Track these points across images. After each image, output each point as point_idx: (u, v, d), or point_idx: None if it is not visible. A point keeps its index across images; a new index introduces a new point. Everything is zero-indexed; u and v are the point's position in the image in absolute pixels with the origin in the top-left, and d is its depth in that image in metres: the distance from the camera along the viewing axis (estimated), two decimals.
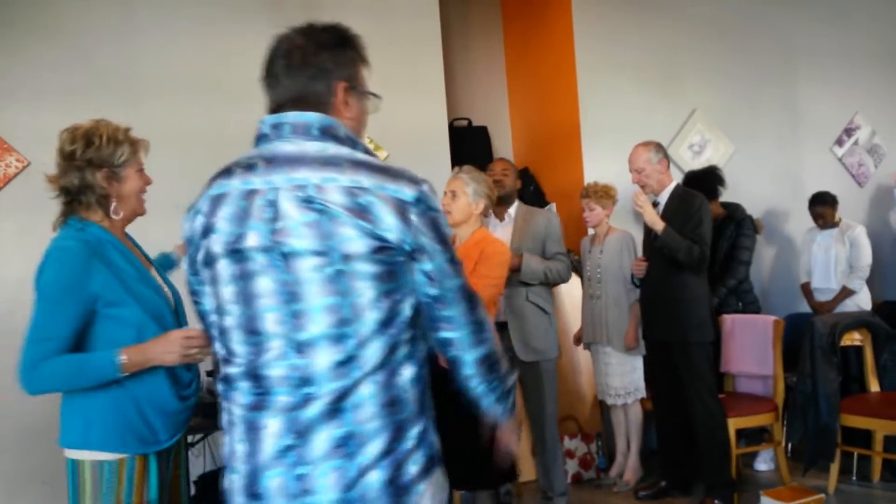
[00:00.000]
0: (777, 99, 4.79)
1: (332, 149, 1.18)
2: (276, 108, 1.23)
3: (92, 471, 1.63)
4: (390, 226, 1.12)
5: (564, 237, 3.36)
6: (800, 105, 4.86)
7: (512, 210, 3.32)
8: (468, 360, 1.25)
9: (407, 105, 3.74)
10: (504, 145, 4.98)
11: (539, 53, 4.67)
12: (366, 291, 1.12)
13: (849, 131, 5.00)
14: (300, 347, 1.14)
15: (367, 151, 1.22)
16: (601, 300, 3.58)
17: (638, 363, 3.56)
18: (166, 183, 1.91)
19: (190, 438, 2.88)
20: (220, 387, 1.23)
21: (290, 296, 1.13)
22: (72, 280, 1.60)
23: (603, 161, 4.19)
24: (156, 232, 2.08)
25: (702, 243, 3.14)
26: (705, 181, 3.93)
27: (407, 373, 1.17)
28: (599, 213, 3.58)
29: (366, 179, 1.13)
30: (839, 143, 4.98)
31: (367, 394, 1.13)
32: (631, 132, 4.22)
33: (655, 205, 3.34)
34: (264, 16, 3.56)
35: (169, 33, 3.40)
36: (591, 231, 3.78)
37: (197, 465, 3.14)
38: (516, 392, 1.44)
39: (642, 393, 3.58)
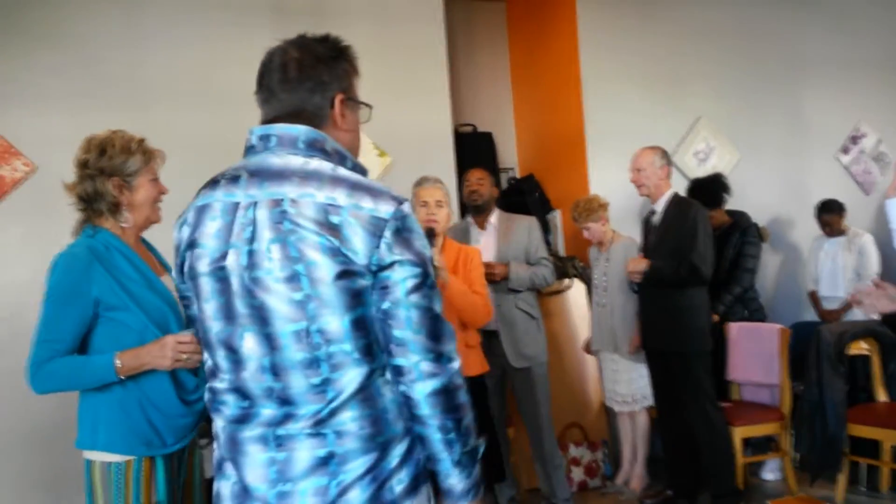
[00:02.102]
0: (782, 106, 4.78)
1: (315, 163, 1.16)
2: (271, 121, 1.22)
3: (101, 471, 1.67)
4: (358, 247, 1.10)
5: (569, 245, 3.36)
6: (805, 113, 4.85)
7: (493, 218, 3.33)
8: (420, 393, 1.12)
9: (412, 111, 3.75)
10: (508, 151, 4.98)
11: (544, 60, 4.68)
12: (334, 317, 1.11)
13: (854, 139, 4.99)
14: (274, 370, 1.14)
15: (356, 167, 1.21)
16: (608, 308, 3.57)
17: (645, 370, 3.55)
18: (170, 187, 1.92)
19: (203, 441, 2.88)
20: (206, 396, 1.24)
21: (262, 320, 1.13)
22: (73, 284, 1.66)
23: (607, 168, 4.18)
24: (159, 237, 2.08)
25: (694, 254, 3.11)
26: (710, 188, 3.92)
27: (388, 393, 1.16)
28: (597, 229, 3.57)
29: (342, 197, 1.11)
30: (845, 150, 4.96)
31: (349, 417, 1.12)
32: (635, 139, 4.20)
33: (653, 213, 3.34)
34: (270, 22, 3.57)
35: (175, 39, 3.41)
36: None
37: (210, 468, 3.13)
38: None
39: (649, 401, 3.56)
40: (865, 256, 4.13)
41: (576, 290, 3.82)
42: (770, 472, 3.76)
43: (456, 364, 1.16)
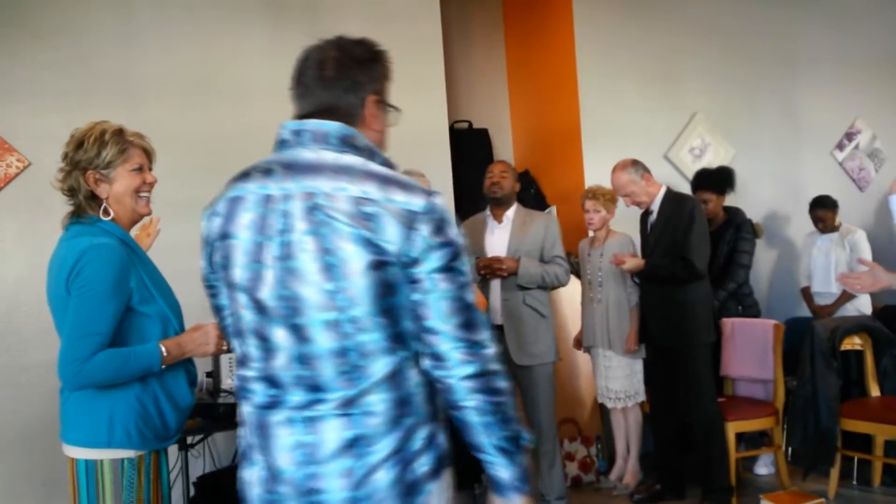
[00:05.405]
0: (777, 103, 4.79)
1: (348, 158, 1.19)
2: (304, 117, 1.24)
3: (112, 470, 1.64)
4: (392, 237, 1.12)
5: (564, 240, 3.36)
6: (800, 109, 4.86)
7: (510, 212, 3.30)
8: (455, 378, 1.15)
9: (407, 107, 3.68)
10: (505, 148, 4.98)
11: (540, 56, 4.68)
12: (366, 306, 1.14)
13: (849, 135, 5.00)
14: (303, 360, 1.17)
15: (385, 163, 1.24)
16: (602, 304, 3.58)
17: (638, 366, 3.56)
18: (165, 184, 1.91)
19: (189, 439, 2.87)
20: (237, 383, 1.27)
21: (292, 310, 1.16)
22: (115, 276, 1.63)
23: (603, 164, 4.17)
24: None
25: (688, 250, 3.15)
26: (715, 178, 3.97)
27: (415, 377, 1.19)
28: (605, 216, 3.60)
29: (375, 190, 1.14)
30: (840, 147, 4.98)
31: (377, 399, 1.15)
32: (631, 135, 4.23)
33: (650, 213, 3.36)
34: (264, 19, 3.56)
35: (168, 35, 3.41)
36: (590, 233, 3.78)
37: (196, 466, 3.13)
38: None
39: (642, 396, 3.58)
40: (858, 252, 4.14)
41: (571, 286, 3.82)
42: (763, 467, 3.79)
43: (490, 351, 1.17)
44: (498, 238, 3.25)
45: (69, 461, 1.69)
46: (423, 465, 1.17)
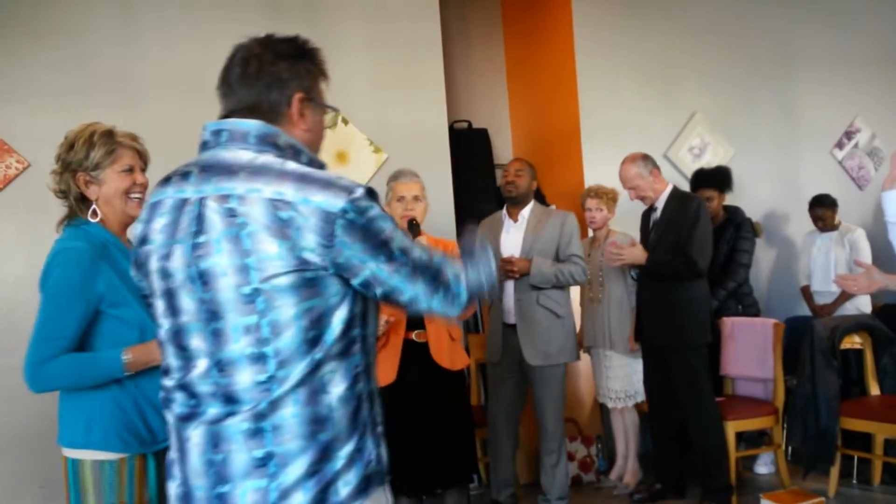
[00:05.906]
0: (777, 102, 4.79)
1: (265, 158, 1.14)
2: (227, 116, 1.21)
3: (93, 470, 1.65)
4: (311, 244, 1.08)
5: None
6: (799, 108, 4.86)
7: (525, 211, 3.27)
8: (452, 317, 1.22)
9: (407, 107, 3.74)
10: (504, 147, 4.98)
11: (539, 56, 4.68)
12: (286, 308, 1.09)
13: (849, 134, 5.00)
14: (221, 366, 1.12)
15: (312, 162, 1.18)
16: (603, 303, 3.58)
17: (638, 366, 3.56)
18: None
19: None
20: (161, 395, 1.23)
21: (210, 314, 1.12)
22: (80, 280, 1.62)
23: (603, 164, 4.18)
24: None
25: (691, 247, 3.14)
26: (715, 176, 3.97)
27: (336, 390, 1.13)
28: (606, 216, 3.60)
29: (290, 191, 1.08)
30: (839, 145, 4.98)
31: (289, 414, 1.10)
32: (631, 135, 4.23)
33: (654, 209, 3.36)
34: (263, 19, 3.55)
35: (168, 35, 3.40)
36: (590, 233, 3.78)
37: None
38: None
39: (642, 396, 3.58)
40: (857, 251, 4.15)
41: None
42: (763, 466, 3.79)
43: (462, 282, 1.19)
44: (513, 237, 3.23)
45: (62, 460, 1.71)
46: (346, 484, 1.12)
